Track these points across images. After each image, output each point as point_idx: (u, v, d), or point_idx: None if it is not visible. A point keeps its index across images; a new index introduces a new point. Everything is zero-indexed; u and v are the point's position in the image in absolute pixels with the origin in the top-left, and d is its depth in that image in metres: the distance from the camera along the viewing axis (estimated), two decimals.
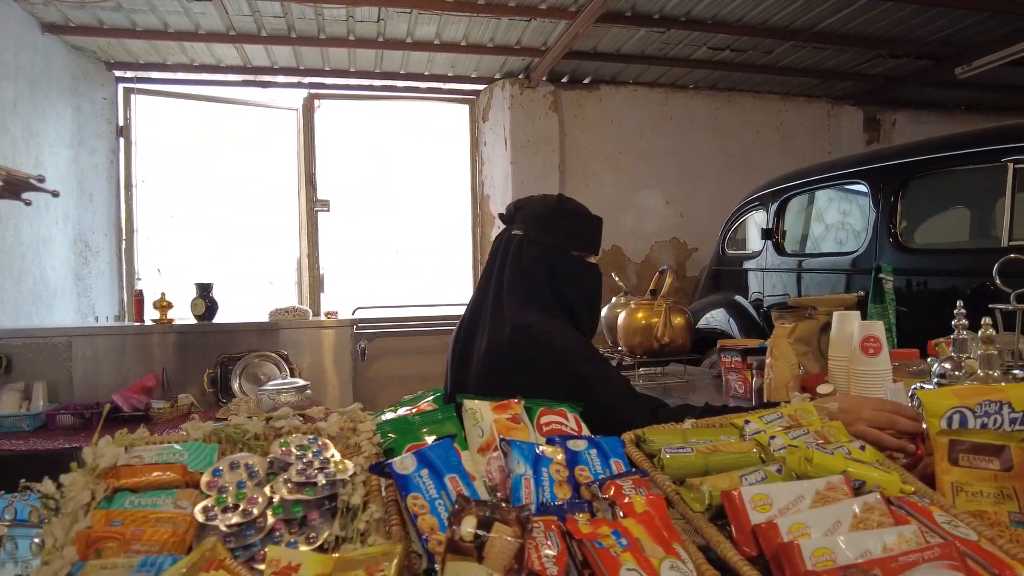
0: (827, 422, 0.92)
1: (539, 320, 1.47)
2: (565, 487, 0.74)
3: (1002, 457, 0.81)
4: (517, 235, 1.58)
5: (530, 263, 1.54)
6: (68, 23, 4.28)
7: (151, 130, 5.11)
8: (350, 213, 5.55)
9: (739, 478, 0.75)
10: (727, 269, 4.25)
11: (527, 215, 1.61)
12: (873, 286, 1.51)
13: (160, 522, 0.65)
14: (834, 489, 0.70)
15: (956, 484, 0.81)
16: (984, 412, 0.87)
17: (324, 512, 0.70)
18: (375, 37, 4.64)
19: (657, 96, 5.79)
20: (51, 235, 4.43)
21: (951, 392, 0.91)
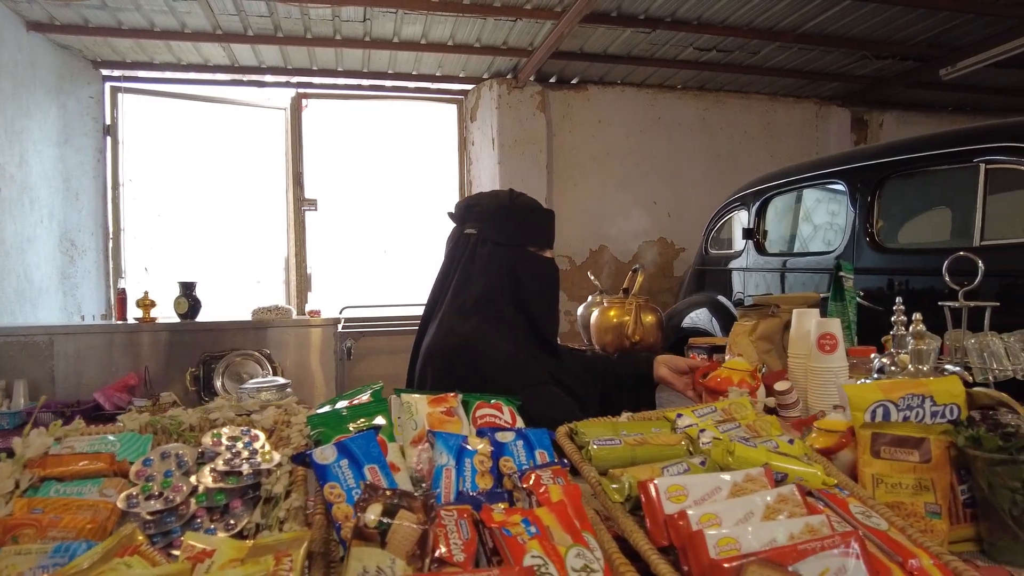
0: (762, 416, 0.93)
1: (475, 331, 1.45)
2: (487, 477, 0.75)
3: (921, 449, 0.82)
4: (471, 234, 1.55)
5: (485, 262, 1.52)
6: (53, 21, 4.28)
7: (139, 129, 5.11)
8: (338, 212, 5.55)
9: (660, 469, 0.76)
10: (710, 269, 4.27)
11: (479, 213, 1.58)
12: (833, 284, 1.52)
13: (81, 509, 0.66)
14: (752, 481, 0.71)
15: (877, 476, 0.82)
16: (907, 405, 0.89)
17: (247, 501, 0.71)
18: (361, 37, 4.65)
19: (645, 96, 5.81)
20: (36, 234, 4.42)
21: (876, 386, 0.92)
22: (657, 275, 5.87)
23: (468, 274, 1.53)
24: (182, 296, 3.69)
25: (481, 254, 1.53)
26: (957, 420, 0.89)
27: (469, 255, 1.54)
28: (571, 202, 5.65)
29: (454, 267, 1.56)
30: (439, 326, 1.51)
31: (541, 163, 5.49)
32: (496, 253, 1.52)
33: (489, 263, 1.52)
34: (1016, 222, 2.58)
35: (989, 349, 1.17)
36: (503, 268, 1.52)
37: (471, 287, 1.52)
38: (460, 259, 1.55)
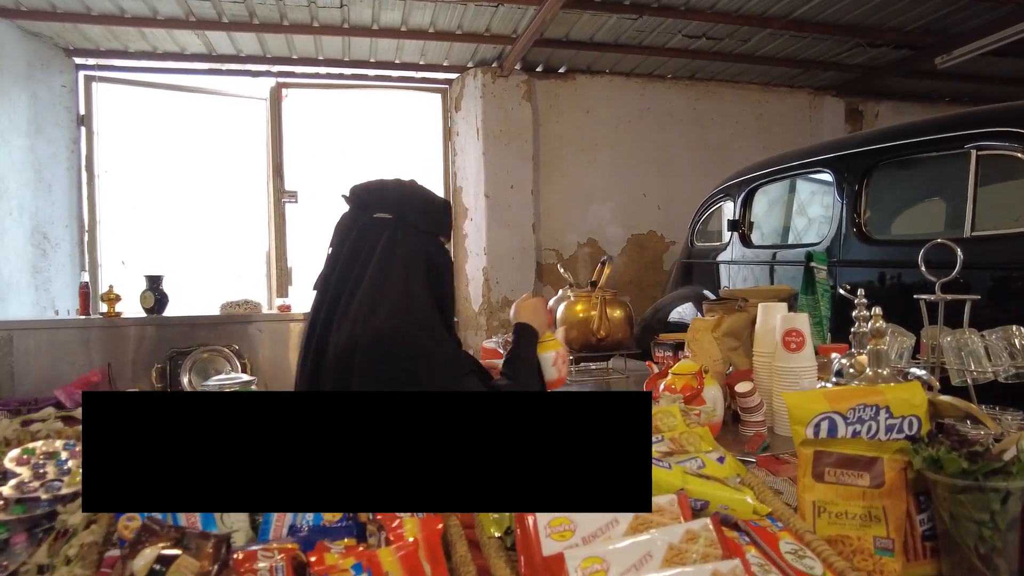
0: (693, 427, 0.81)
1: (414, 319, 1.38)
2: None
3: (873, 471, 0.69)
4: (384, 219, 1.45)
5: (406, 253, 1.43)
6: (19, 7, 4.15)
7: (115, 119, 4.98)
8: (319, 205, 5.43)
9: None
10: (696, 262, 4.15)
11: (393, 200, 1.48)
12: (804, 276, 1.40)
13: None
14: (661, 512, 0.59)
15: (819, 504, 0.69)
16: (857, 418, 0.76)
17: (35, 534, 0.59)
18: (339, 23, 4.51)
19: (634, 86, 5.68)
20: (5, 227, 4.31)
21: (821, 395, 0.79)
22: (647, 268, 5.75)
23: (388, 260, 1.42)
24: (148, 290, 3.58)
25: (403, 243, 1.44)
26: (917, 436, 0.76)
27: (387, 242, 1.43)
28: (558, 194, 5.52)
29: (360, 253, 1.43)
30: (358, 317, 1.38)
31: (527, 154, 5.36)
32: (418, 243, 1.46)
33: (410, 252, 1.44)
34: (1009, 212, 2.46)
35: (967, 348, 1.04)
36: (423, 257, 1.46)
37: (394, 274, 1.41)
38: (374, 245, 1.43)
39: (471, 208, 5.41)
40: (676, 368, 1.21)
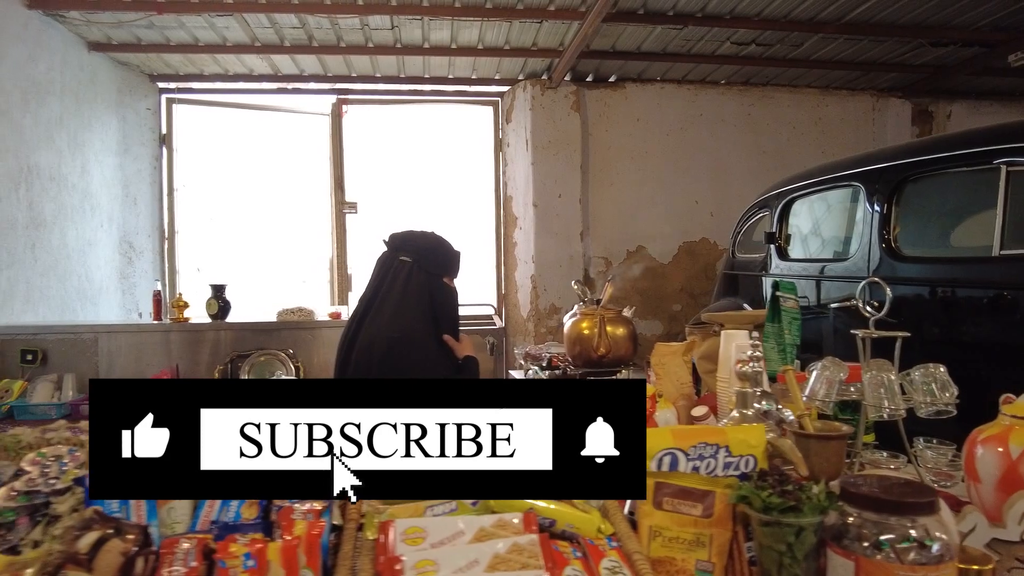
0: None
1: (410, 329, 1.93)
2: (254, 507, 0.78)
3: (705, 503, 0.78)
4: (406, 262, 2.03)
5: (416, 287, 1.99)
6: (111, 41, 4.60)
7: (191, 137, 5.43)
8: (377, 214, 5.71)
9: (424, 508, 0.76)
10: (738, 273, 4.14)
11: (415, 248, 2.06)
12: (769, 304, 1.45)
13: None
14: (504, 527, 0.70)
15: (655, 528, 0.78)
16: (698, 455, 0.84)
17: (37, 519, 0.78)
18: (392, 43, 4.75)
19: (685, 93, 5.67)
20: (96, 237, 4.78)
21: (669, 432, 0.88)
22: (699, 276, 5.72)
23: (401, 292, 1.99)
24: (213, 298, 3.90)
25: (415, 280, 2.01)
26: (749, 474, 0.84)
27: (405, 278, 2.01)
28: (607, 202, 5.58)
29: (386, 282, 2.03)
30: (374, 328, 1.97)
31: (575, 163, 5.45)
32: (426, 281, 2.02)
33: (419, 288, 2.00)
34: None
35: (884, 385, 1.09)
36: (428, 292, 2.01)
37: (405, 302, 1.98)
38: (390, 278, 2.03)
39: (520, 217, 5.55)
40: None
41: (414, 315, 1.95)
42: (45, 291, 4.19)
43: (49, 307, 4.23)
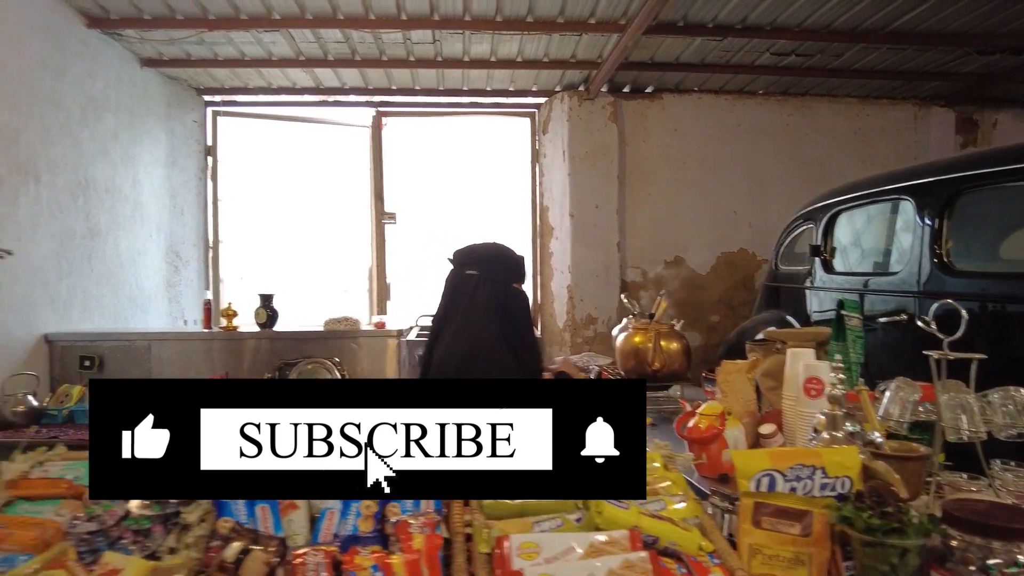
0: (671, 471, 0.94)
1: (476, 347, 1.98)
2: (370, 521, 0.82)
3: (803, 522, 0.80)
4: (473, 275, 2.07)
5: (484, 298, 2.03)
6: (162, 57, 4.75)
7: (235, 149, 5.57)
8: (416, 225, 5.79)
9: (532, 524, 0.80)
10: (781, 286, 4.11)
11: (479, 259, 2.11)
12: (835, 323, 1.46)
13: (31, 527, 0.79)
14: (613, 543, 0.73)
15: (755, 546, 0.81)
16: (795, 476, 0.86)
17: (169, 526, 0.82)
18: (433, 57, 4.83)
19: (723, 103, 5.66)
20: (146, 247, 4.92)
21: (765, 454, 0.90)
22: (738, 287, 5.69)
23: (470, 304, 2.04)
24: (261, 307, 3.99)
25: (482, 290, 2.04)
26: (846, 495, 0.86)
27: (473, 290, 2.06)
28: (644, 213, 5.59)
29: (457, 297, 2.08)
30: (457, 338, 2.03)
31: (612, 173, 5.47)
32: (492, 289, 2.04)
33: (488, 297, 2.03)
34: None
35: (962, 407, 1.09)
36: (496, 298, 2.03)
37: (474, 312, 2.03)
38: (464, 293, 2.07)
39: (556, 227, 5.58)
40: (703, 409, 1.32)
41: (482, 326, 1.98)
42: (100, 299, 4.33)
43: (103, 315, 4.36)
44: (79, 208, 4.12)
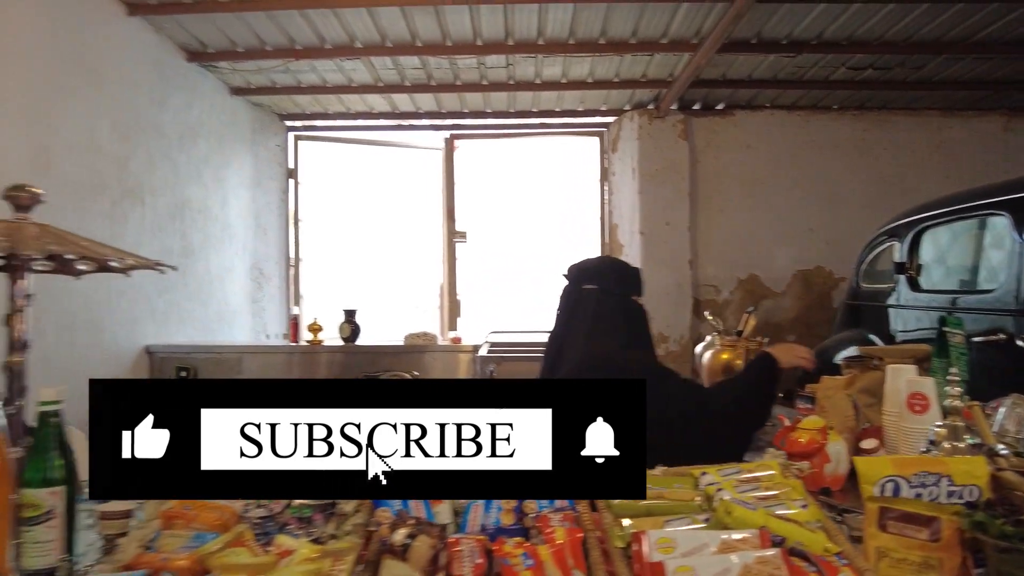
0: (788, 479, 0.96)
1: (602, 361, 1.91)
2: (511, 515, 0.88)
3: (931, 528, 0.81)
4: (591, 289, 2.05)
5: (607, 312, 2.00)
6: (249, 85, 5.05)
7: (315, 171, 5.84)
8: (485, 243, 5.92)
9: (663, 522, 0.84)
10: (862, 304, 4.01)
11: (597, 274, 2.10)
12: (937, 340, 1.44)
13: (213, 510, 0.89)
14: (744, 541, 0.76)
15: (881, 549, 0.82)
16: (920, 483, 0.87)
17: (327, 515, 0.91)
18: (506, 80, 4.96)
19: (796, 119, 5.58)
20: (233, 264, 5.20)
21: (889, 461, 0.91)
22: (814, 306, 5.56)
23: (594, 318, 2.00)
24: (345, 322, 4.16)
25: (603, 304, 2.02)
26: (975, 502, 0.86)
27: (595, 305, 2.02)
28: (717, 229, 5.54)
29: (576, 313, 2.04)
30: (576, 352, 1.97)
31: (683, 191, 5.46)
32: (614, 303, 2.03)
33: (610, 310, 2.01)
34: None
35: None
36: (619, 312, 2.02)
37: (597, 326, 1.99)
38: (586, 308, 2.02)
39: (626, 245, 5.59)
40: (803, 423, 1.33)
41: (607, 339, 1.94)
42: (192, 314, 4.60)
43: (195, 328, 4.63)
44: (176, 228, 4.40)
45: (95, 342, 3.62)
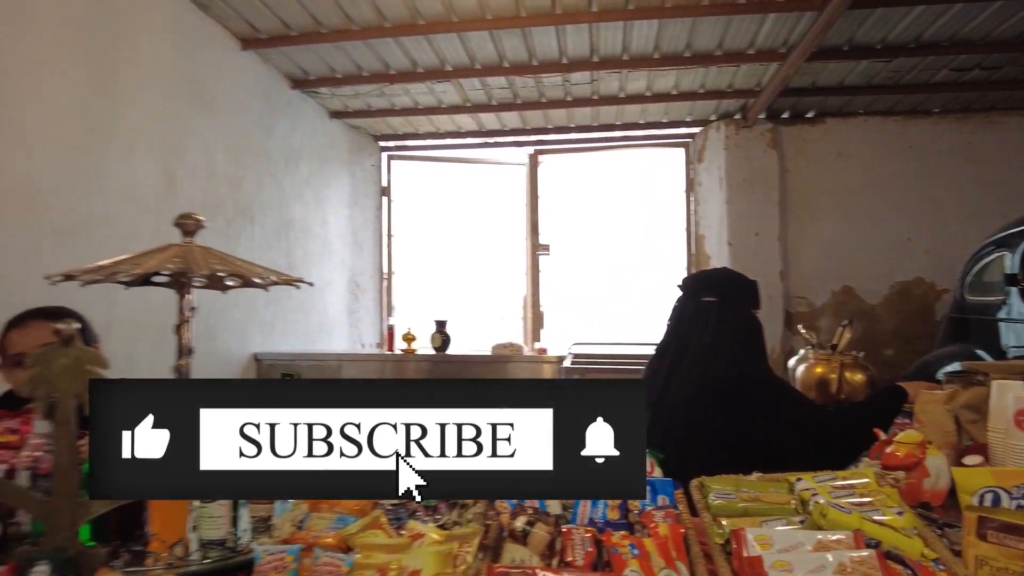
0: (885, 487, 0.98)
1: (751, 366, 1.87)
2: (616, 510, 0.95)
3: None
4: (711, 302, 1.96)
5: (732, 325, 1.92)
6: (347, 109, 5.36)
7: (405, 189, 6.13)
8: (568, 255, 6.00)
9: (760, 522, 0.89)
10: (968, 317, 3.81)
11: (718, 286, 2.01)
12: None
13: None
14: (839, 542, 0.80)
15: (981, 558, 0.83)
16: (1021, 495, 0.87)
17: (450, 504, 1.01)
18: (590, 96, 5.05)
19: (893, 125, 5.37)
20: (332, 278, 5.51)
21: (989, 472, 0.91)
22: (913, 319, 5.30)
23: (716, 331, 1.92)
24: (437, 332, 4.34)
25: (725, 317, 1.93)
26: None
27: (716, 318, 1.93)
28: (808, 240, 5.40)
29: (693, 328, 1.95)
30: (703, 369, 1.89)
31: (773, 200, 5.35)
32: (738, 316, 1.96)
33: (733, 323, 1.94)
34: None
35: None
36: (741, 326, 1.95)
37: (723, 340, 1.90)
38: (705, 321, 1.94)
39: (713, 256, 5.53)
40: (900, 437, 1.33)
41: (738, 354, 1.88)
42: (295, 324, 4.91)
43: (297, 338, 4.94)
44: (281, 245, 4.73)
45: (210, 349, 3.94)
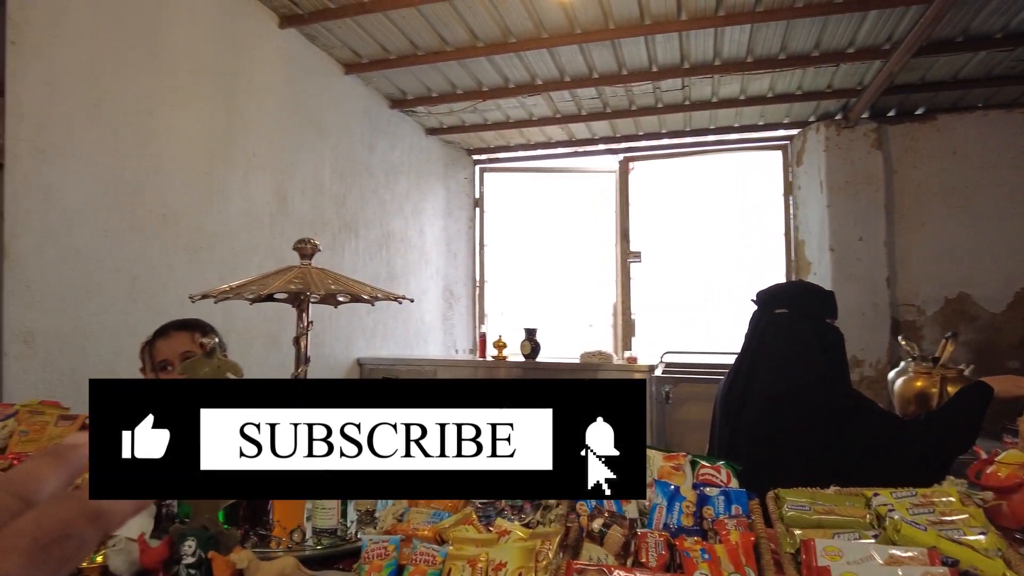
0: (968, 507, 0.97)
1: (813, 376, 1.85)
2: (690, 517, 0.99)
3: None
4: (784, 314, 1.97)
5: (803, 335, 1.92)
6: (442, 125, 5.59)
7: (497, 200, 6.29)
8: (660, 263, 5.95)
9: (832, 534, 0.90)
10: None
11: (789, 297, 2.03)
12: None
13: None
14: (912, 559, 0.81)
15: None
16: None
17: (535, 505, 1.09)
18: (681, 102, 5.01)
19: (1017, 119, 4.98)
20: (428, 287, 5.75)
21: None
22: None
23: (787, 341, 1.93)
24: (527, 339, 4.45)
25: (798, 328, 1.95)
26: None
27: (788, 331, 1.95)
28: (919, 244, 5.10)
29: (766, 340, 1.98)
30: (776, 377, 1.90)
31: (878, 203, 5.10)
32: (811, 327, 1.95)
33: (807, 335, 1.94)
34: None
35: None
36: (817, 337, 1.93)
37: (794, 350, 1.92)
38: (777, 334, 1.96)
39: (814, 262, 5.34)
40: (1002, 457, 1.28)
41: (808, 364, 1.87)
42: (394, 330, 5.17)
43: (396, 343, 5.19)
44: (382, 256, 4.99)
45: (317, 354, 4.23)
